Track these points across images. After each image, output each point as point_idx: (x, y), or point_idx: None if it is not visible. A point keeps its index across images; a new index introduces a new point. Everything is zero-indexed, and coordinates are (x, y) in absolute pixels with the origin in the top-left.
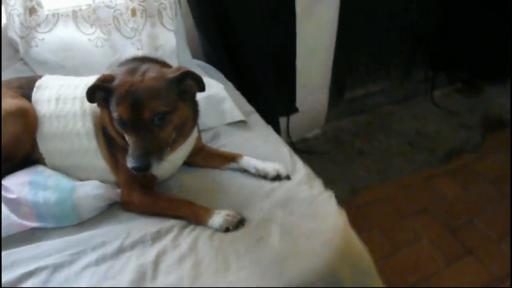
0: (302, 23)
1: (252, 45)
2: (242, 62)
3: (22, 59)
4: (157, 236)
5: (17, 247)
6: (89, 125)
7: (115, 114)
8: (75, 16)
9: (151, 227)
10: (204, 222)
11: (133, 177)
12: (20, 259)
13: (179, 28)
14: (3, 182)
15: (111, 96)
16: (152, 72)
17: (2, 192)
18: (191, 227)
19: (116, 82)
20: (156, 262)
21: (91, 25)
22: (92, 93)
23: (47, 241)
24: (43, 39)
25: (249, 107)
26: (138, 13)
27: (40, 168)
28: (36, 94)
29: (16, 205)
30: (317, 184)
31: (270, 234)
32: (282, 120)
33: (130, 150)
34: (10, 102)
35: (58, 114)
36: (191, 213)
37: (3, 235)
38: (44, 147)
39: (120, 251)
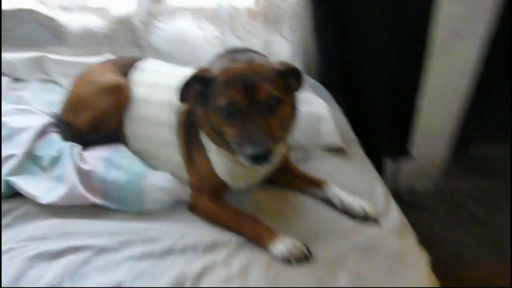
0: (435, 59)
1: (371, 72)
2: (357, 89)
3: (138, 45)
4: (210, 247)
5: (74, 219)
6: (173, 117)
7: (221, 101)
8: (197, 11)
9: (207, 236)
10: (265, 244)
11: (204, 181)
12: (71, 232)
13: (296, 40)
14: (83, 152)
15: (210, 87)
16: (258, 60)
17: (79, 162)
18: (249, 246)
19: (216, 72)
20: (200, 275)
21: (210, 23)
22: (188, 88)
23: (104, 221)
24: (162, 28)
25: (351, 135)
26: (259, 17)
27: (121, 147)
28: (133, 75)
29: (87, 178)
30: (411, 240)
31: (336, 279)
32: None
33: (243, 138)
34: (109, 78)
35: (149, 100)
36: (253, 231)
37: (66, 202)
38: (130, 128)
39: (168, 252)
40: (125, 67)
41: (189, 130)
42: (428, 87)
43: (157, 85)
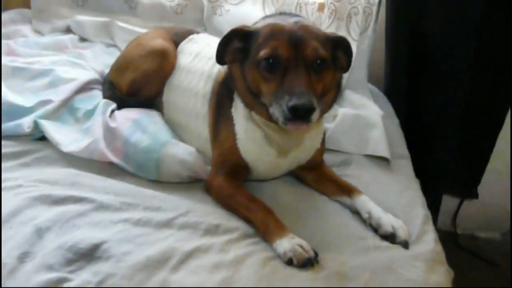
0: None
1: (445, 97)
2: (425, 111)
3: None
4: (212, 230)
5: (88, 172)
6: (208, 88)
7: (263, 53)
8: None
9: (213, 218)
10: (270, 240)
11: (225, 158)
12: (80, 183)
13: (365, 42)
14: (116, 111)
15: (251, 43)
16: (307, 22)
17: (108, 119)
18: (254, 239)
19: (259, 27)
20: (189, 255)
21: (276, 10)
22: (226, 44)
23: (116, 181)
24: (228, 10)
25: (404, 151)
26: (326, 10)
27: (153, 113)
28: (184, 45)
29: (112, 135)
30: (440, 273)
31: None
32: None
33: (284, 91)
34: (158, 42)
35: (190, 69)
36: (262, 223)
37: (86, 155)
38: (167, 96)
39: (166, 224)
40: (179, 37)
41: (221, 102)
42: (510, 123)
43: (201, 54)
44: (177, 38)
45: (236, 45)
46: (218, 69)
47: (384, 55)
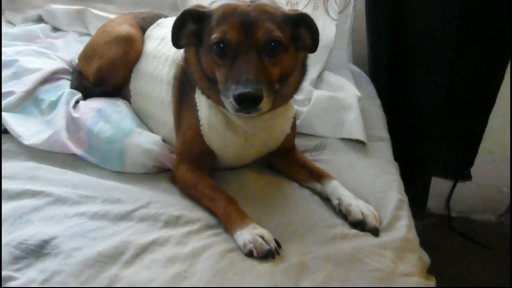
0: None
1: (428, 74)
2: (409, 90)
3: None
4: (172, 222)
5: (49, 165)
6: (172, 74)
7: (213, 37)
8: None
9: (174, 209)
10: (231, 231)
11: (189, 146)
12: (39, 177)
13: (345, 21)
14: (81, 101)
15: (204, 25)
16: (265, 1)
17: (71, 109)
18: (216, 230)
19: (213, 8)
20: (144, 249)
21: None
22: (180, 26)
23: (77, 173)
24: None
25: (384, 133)
26: None
27: (119, 102)
28: (151, 30)
29: (75, 126)
30: (410, 261)
31: (293, 285)
32: (443, 184)
33: (231, 78)
34: (123, 29)
35: (155, 55)
36: (223, 213)
37: (47, 147)
38: (134, 83)
39: (124, 217)
40: (147, 22)
41: (183, 88)
42: (502, 102)
43: (166, 39)
44: (145, 23)
45: (190, 27)
46: (181, 54)
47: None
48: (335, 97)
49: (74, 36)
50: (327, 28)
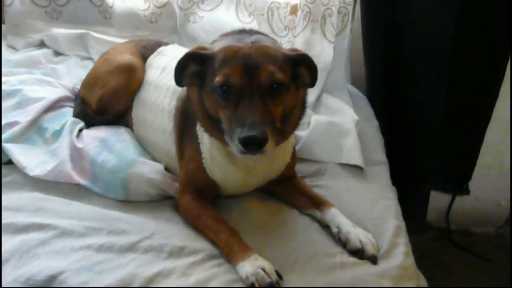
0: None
1: (425, 92)
2: (406, 108)
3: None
4: (176, 253)
5: (55, 196)
6: (174, 104)
7: (217, 80)
8: (238, 1)
9: (178, 240)
10: (234, 262)
11: (192, 177)
12: (45, 209)
13: (342, 43)
14: (84, 130)
15: (207, 67)
16: (265, 42)
17: (74, 139)
18: (219, 261)
19: (216, 49)
20: (150, 281)
21: (250, 14)
22: (183, 67)
23: (82, 204)
24: (202, 16)
25: (381, 157)
26: (300, 13)
27: (121, 130)
28: (153, 59)
29: (79, 156)
30: None
31: None
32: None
33: (236, 121)
34: (125, 57)
35: (157, 84)
36: (226, 244)
37: (52, 178)
38: (136, 112)
39: (130, 248)
40: (148, 50)
41: (186, 120)
42: (499, 117)
43: (167, 68)
44: (146, 51)
45: (193, 68)
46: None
47: (363, 54)
48: (333, 122)
49: (76, 61)
50: (325, 51)
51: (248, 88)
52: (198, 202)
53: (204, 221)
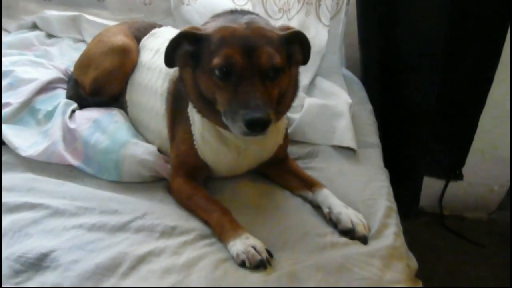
0: (505, 70)
1: (419, 77)
2: (400, 93)
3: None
4: (168, 232)
5: (47, 177)
6: (166, 86)
7: (216, 61)
8: None
9: (170, 220)
10: (225, 241)
11: (183, 159)
12: (37, 189)
13: (337, 27)
14: (77, 111)
15: (202, 47)
16: (259, 22)
17: (67, 120)
18: (210, 240)
19: (210, 30)
20: (140, 260)
21: None
22: (175, 47)
23: (75, 184)
24: None
25: (374, 140)
26: None
27: (115, 112)
28: (146, 41)
29: (72, 136)
30: (397, 269)
31: None
32: (435, 183)
33: (239, 103)
34: (118, 39)
35: (150, 66)
36: (217, 223)
37: (44, 158)
38: (130, 94)
39: (121, 228)
40: (142, 31)
41: (177, 102)
42: (493, 102)
43: (160, 50)
44: (139, 33)
45: (186, 48)
46: (175, 68)
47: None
48: (327, 105)
49: (69, 43)
50: (319, 34)
51: (248, 69)
52: (190, 183)
53: (196, 201)
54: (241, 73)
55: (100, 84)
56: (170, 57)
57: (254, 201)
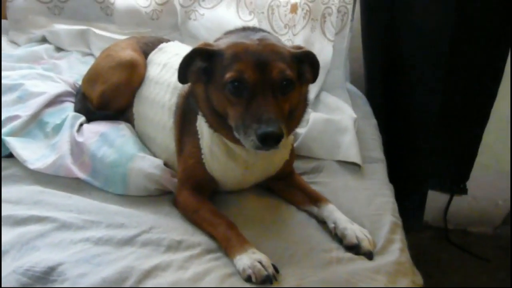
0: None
1: (423, 92)
2: (404, 107)
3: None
4: (174, 247)
5: (54, 189)
6: (174, 101)
7: (228, 76)
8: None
9: (176, 234)
10: (231, 255)
11: (190, 173)
12: (44, 202)
13: (342, 42)
14: (85, 125)
15: (215, 63)
16: (271, 39)
17: (75, 133)
18: (216, 255)
19: (222, 46)
20: (147, 275)
21: (250, 12)
22: (189, 63)
23: (82, 197)
24: (203, 14)
25: (379, 154)
26: (300, 11)
27: (122, 126)
28: (153, 55)
29: (79, 150)
30: (402, 285)
31: None
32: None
33: (252, 117)
34: (127, 54)
35: (158, 80)
36: (224, 238)
37: (52, 171)
38: (137, 107)
39: (128, 242)
40: (149, 46)
41: (185, 116)
42: (497, 116)
43: (168, 65)
44: (147, 48)
45: (199, 64)
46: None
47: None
48: (332, 120)
49: (77, 57)
50: (324, 49)
51: (260, 84)
52: (196, 197)
53: (202, 215)
54: (253, 87)
55: (108, 98)
56: (184, 73)
57: (260, 215)
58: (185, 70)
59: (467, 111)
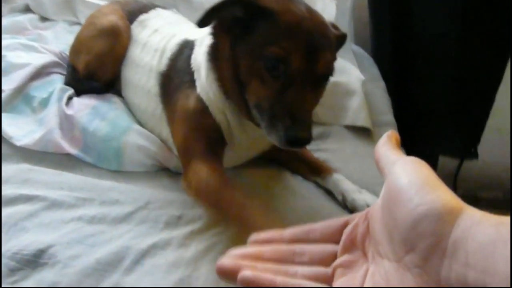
0: None
1: (433, 52)
2: (413, 69)
3: None
4: (173, 223)
5: (43, 167)
6: (164, 64)
7: (272, 50)
8: None
9: (175, 209)
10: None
11: (194, 125)
12: (33, 180)
13: (345, 1)
14: (74, 98)
15: (258, 20)
16: (315, 11)
17: (64, 106)
18: (219, 229)
19: (275, 6)
20: (145, 254)
21: None
22: (224, 7)
23: (73, 174)
24: None
25: (389, 118)
26: None
27: (114, 99)
28: (134, 29)
29: (69, 124)
30: None
31: None
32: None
33: (285, 110)
34: (109, 19)
35: (139, 63)
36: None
37: (40, 147)
38: (124, 89)
39: (123, 219)
40: (136, 15)
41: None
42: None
43: (148, 46)
44: (131, 17)
45: (237, 13)
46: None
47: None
48: (338, 83)
49: (64, 26)
50: (327, 9)
51: (303, 73)
52: (215, 174)
53: (227, 196)
54: (295, 74)
55: (93, 69)
56: (209, 16)
57: (265, 184)
58: (216, 13)
59: (479, 71)
